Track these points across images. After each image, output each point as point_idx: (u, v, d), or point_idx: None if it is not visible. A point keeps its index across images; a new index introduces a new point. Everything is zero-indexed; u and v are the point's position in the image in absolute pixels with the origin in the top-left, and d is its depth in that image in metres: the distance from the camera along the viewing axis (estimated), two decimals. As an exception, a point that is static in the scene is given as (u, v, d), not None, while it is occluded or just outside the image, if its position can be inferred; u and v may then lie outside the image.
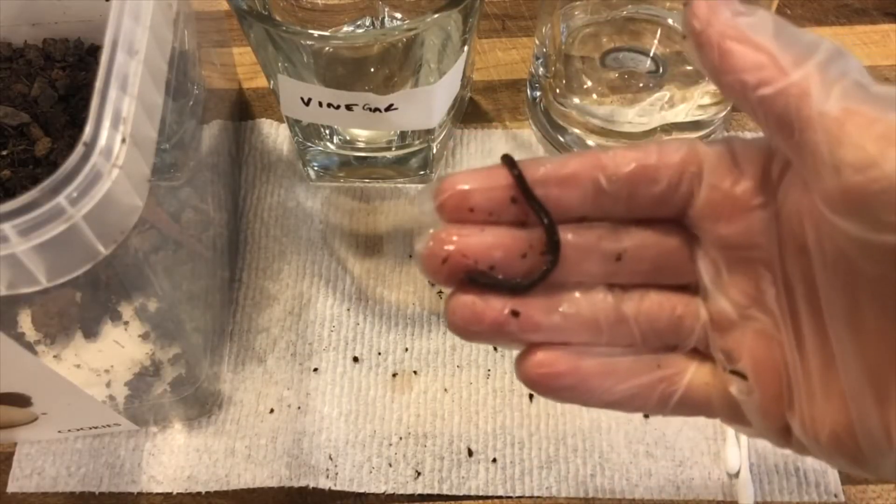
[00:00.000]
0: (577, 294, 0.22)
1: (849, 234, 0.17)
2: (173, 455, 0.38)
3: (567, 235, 0.21)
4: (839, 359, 0.19)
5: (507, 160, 0.21)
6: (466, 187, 0.21)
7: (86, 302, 0.32)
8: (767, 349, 0.21)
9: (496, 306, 0.21)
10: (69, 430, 0.36)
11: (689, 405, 0.22)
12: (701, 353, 0.22)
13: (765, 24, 0.18)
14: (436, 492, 0.36)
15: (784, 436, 0.21)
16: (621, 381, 0.22)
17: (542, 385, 0.21)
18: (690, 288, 0.22)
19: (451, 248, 0.20)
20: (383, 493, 0.37)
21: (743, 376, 0.21)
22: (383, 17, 0.42)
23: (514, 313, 0.21)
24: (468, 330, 0.21)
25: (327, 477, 0.37)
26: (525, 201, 0.21)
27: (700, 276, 0.22)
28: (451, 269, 0.21)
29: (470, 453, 0.37)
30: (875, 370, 0.18)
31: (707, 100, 0.42)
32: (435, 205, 0.21)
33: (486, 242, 0.21)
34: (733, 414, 0.22)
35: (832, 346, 0.19)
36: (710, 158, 0.21)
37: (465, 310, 0.21)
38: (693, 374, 0.22)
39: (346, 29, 0.42)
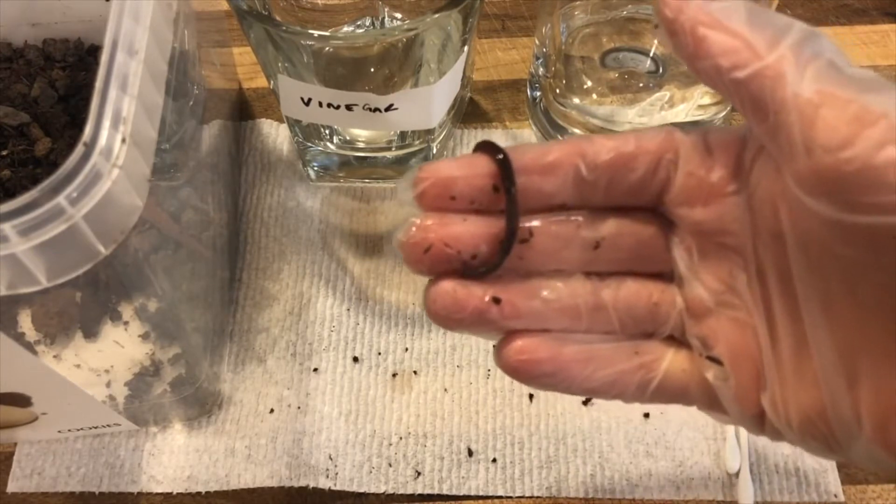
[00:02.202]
0: (556, 281, 0.22)
1: (821, 216, 0.18)
2: (173, 455, 0.38)
3: (547, 224, 0.21)
4: (812, 342, 0.19)
5: (490, 147, 0.21)
6: (448, 175, 0.20)
7: (86, 302, 0.32)
8: (742, 335, 0.21)
9: (477, 294, 0.21)
10: (69, 430, 0.36)
11: (667, 392, 0.22)
12: (678, 341, 0.23)
13: (737, 8, 0.19)
14: (436, 492, 0.37)
15: (759, 422, 0.21)
16: (601, 367, 0.22)
17: (522, 372, 0.21)
18: (666, 276, 0.23)
19: (433, 236, 0.20)
20: (383, 493, 0.37)
21: (719, 362, 0.21)
22: (383, 17, 0.42)
23: (496, 300, 0.21)
24: (450, 318, 0.21)
25: (327, 477, 0.37)
26: (501, 184, 0.20)
27: (676, 263, 0.22)
28: (433, 259, 0.20)
29: (470, 453, 0.37)
30: (846, 353, 0.18)
31: (707, 100, 0.42)
32: (415, 193, 0.20)
33: (470, 231, 0.21)
34: (710, 401, 0.22)
35: (804, 330, 0.19)
36: (686, 146, 0.21)
37: (446, 298, 0.21)
38: (670, 361, 0.22)
39: (346, 29, 0.42)
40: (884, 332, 0.18)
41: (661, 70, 0.43)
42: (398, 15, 0.42)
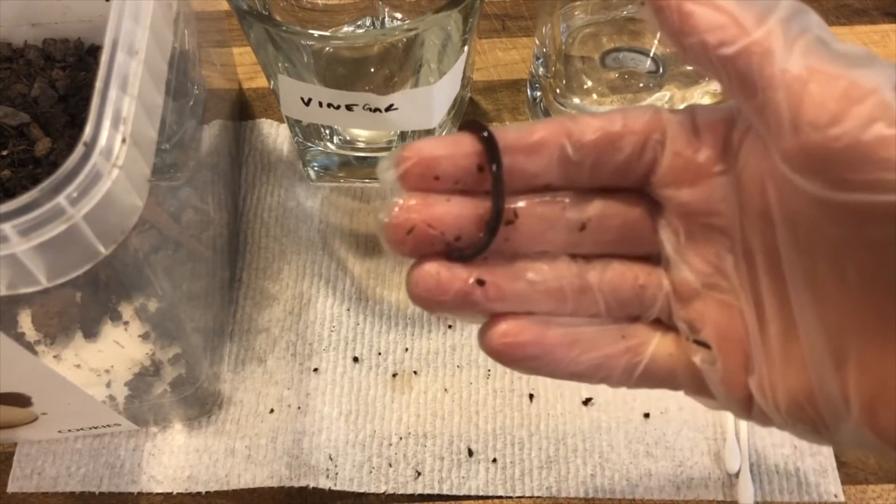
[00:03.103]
0: (541, 263, 0.21)
1: (809, 195, 0.17)
2: (173, 455, 0.38)
3: (532, 205, 0.21)
4: (800, 323, 0.19)
5: (474, 125, 0.20)
6: (432, 154, 0.20)
7: (86, 302, 0.32)
8: (729, 318, 0.21)
9: (461, 276, 0.20)
10: (69, 430, 0.36)
11: (654, 377, 0.22)
12: (664, 325, 0.22)
13: None
14: (436, 492, 0.37)
15: (746, 406, 0.21)
16: (586, 351, 0.21)
17: (506, 355, 0.21)
18: (653, 258, 0.22)
19: (416, 217, 0.20)
20: (383, 493, 0.37)
21: (706, 346, 0.21)
22: (383, 17, 0.42)
23: (480, 282, 0.20)
24: (433, 301, 0.20)
25: (327, 477, 0.37)
26: (486, 163, 0.20)
27: (662, 245, 0.22)
28: (416, 240, 0.20)
29: (470, 453, 0.37)
30: (833, 334, 0.18)
31: (707, 100, 0.42)
32: (398, 173, 0.20)
33: (454, 212, 0.20)
34: (697, 386, 0.22)
35: (792, 312, 0.19)
36: (674, 126, 0.21)
37: (429, 280, 0.20)
38: (657, 345, 0.22)
39: (346, 29, 0.42)
40: (871, 312, 0.17)
41: (661, 70, 0.43)
42: (398, 15, 0.42)
